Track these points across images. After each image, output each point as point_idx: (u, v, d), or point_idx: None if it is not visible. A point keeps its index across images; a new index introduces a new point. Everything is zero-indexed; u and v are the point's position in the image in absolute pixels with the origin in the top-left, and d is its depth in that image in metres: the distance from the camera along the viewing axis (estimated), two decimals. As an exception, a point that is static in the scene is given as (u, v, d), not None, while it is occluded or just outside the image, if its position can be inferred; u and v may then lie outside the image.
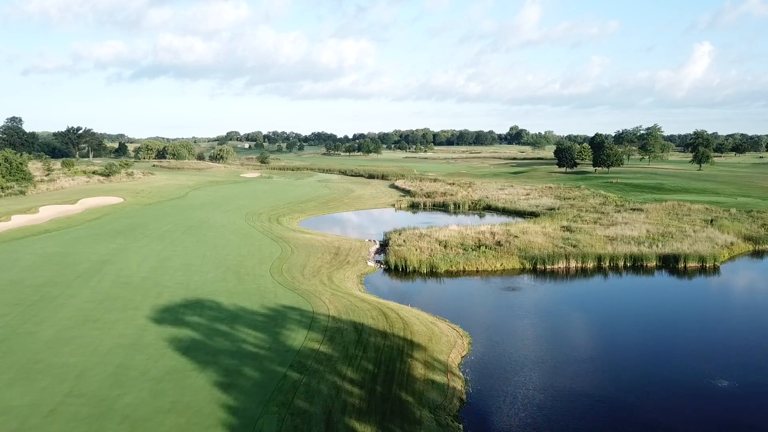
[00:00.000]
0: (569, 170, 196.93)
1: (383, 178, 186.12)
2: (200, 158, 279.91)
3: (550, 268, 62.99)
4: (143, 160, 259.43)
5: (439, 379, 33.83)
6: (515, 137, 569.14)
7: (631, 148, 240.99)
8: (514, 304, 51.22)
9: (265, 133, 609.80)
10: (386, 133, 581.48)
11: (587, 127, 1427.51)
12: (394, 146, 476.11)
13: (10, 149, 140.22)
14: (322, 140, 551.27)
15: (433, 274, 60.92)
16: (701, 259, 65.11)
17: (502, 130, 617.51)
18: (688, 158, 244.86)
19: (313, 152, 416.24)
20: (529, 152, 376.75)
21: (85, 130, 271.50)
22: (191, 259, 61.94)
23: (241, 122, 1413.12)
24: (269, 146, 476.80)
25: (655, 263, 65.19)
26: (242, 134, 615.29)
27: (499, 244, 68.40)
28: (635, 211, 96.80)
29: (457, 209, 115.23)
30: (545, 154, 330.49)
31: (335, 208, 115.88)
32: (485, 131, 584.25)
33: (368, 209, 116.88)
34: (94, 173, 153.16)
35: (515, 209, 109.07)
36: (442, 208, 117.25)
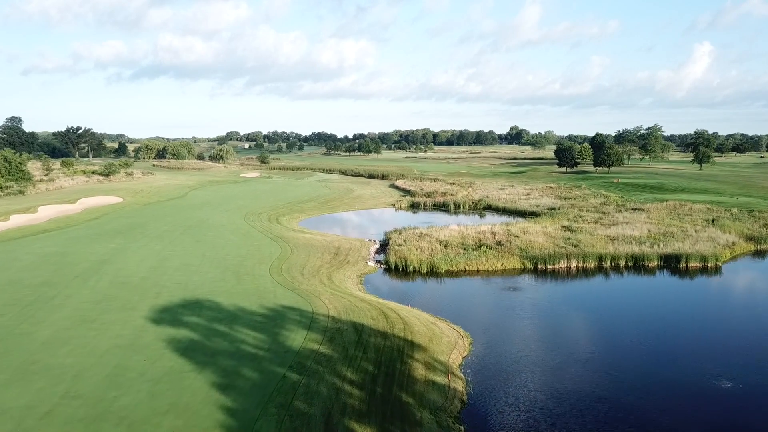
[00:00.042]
0: (570, 170, 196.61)
1: (383, 178, 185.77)
2: (200, 158, 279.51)
3: (551, 267, 62.66)
4: (143, 159, 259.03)
5: (439, 380, 33.48)
6: (515, 137, 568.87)
7: (631, 148, 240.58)
8: (515, 304, 50.87)
9: (265, 133, 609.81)
10: (386, 133, 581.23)
11: (587, 127, 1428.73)
12: (394, 146, 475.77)
13: (9, 149, 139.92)
14: (322, 140, 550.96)
15: (433, 274, 60.58)
16: (703, 259, 64.77)
17: (502, 130, 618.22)
18: (688, 158, 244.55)
19: (313, 152, 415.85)
20: (529, 152, 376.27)
21: (84, 129, 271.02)
22: (190, 259, 61.60)
23: (241, 122, 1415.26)
24: (269, 146, 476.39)
25: (656, 263, 64.87)
26: (242, 134, 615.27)
27: (499, 243, 68.07)
28: (636, 210, 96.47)
29: (457, 209, 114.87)
30: (545, 154, 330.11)
31: (335, 207, 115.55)
32: (485, 131, 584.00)
33: (368, 209, 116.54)
34: (93, 173, 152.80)
35: (516, 209, 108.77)
36: (442, 207, 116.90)
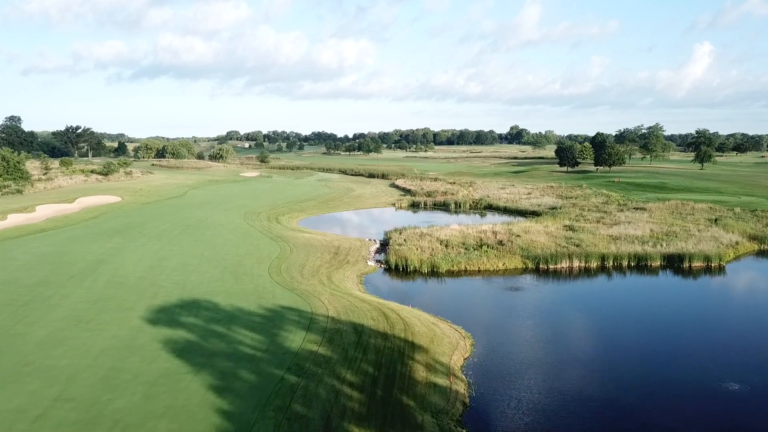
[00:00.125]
0: (570, 169, 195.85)
1: (383, 177, 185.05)
2: (200, 157, 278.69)
3: (553, 267, 62.01)
4: (142, 159, 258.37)
5: (441, 382, 32.84)
6: (516, 137, 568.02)
7: (632, 147, 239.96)
8: (516, 304, 50.22)
9: (265, 132, 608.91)
10: (386, 132, 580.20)
11: (588, 127, 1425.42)
12: (394, 146, 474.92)
13: (8, 148, 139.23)
14: (322, 140, 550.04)
15: (434, 273, 59.93)
16: (706, 258, 64.14)
17: (502, 129, 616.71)
18: (689, 158, 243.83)
19: (313, 152, 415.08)
20: (529, 152, 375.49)
21: (84, 129, 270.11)
22: (188, 258, 60.95)
23: (241, 122, 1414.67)
24: (269, 146, 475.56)
25: (659, 263, 64.24)
26: (242, 134, 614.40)
27: (501, 243, 67.41)
28: (638, 210, 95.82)
29: (458, 208, 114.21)
30: (546, 153, 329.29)
31: (335, 207, 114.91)
32: (486, 131, 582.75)
33: (368, 208, 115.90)
34: (92, 172, 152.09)
35: (517, 208, 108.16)
36: (442, 207, 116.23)
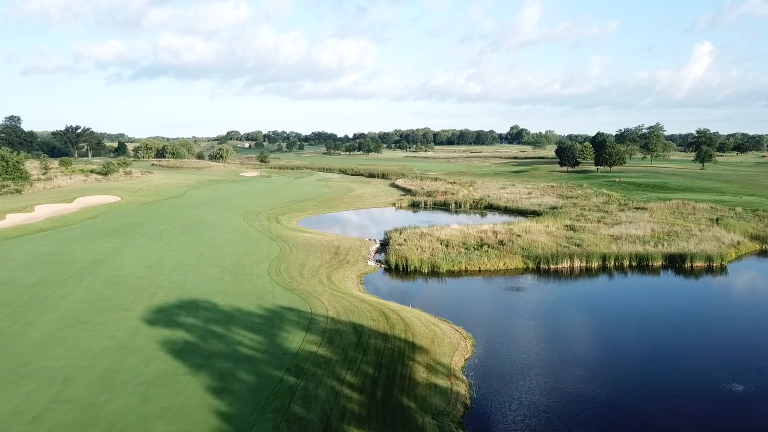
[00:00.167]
0: (571, 169, 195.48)
1: (383, 177, 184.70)
2: (200, 157, 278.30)
3: (553, 267, 61.70)
4: (142, 159, 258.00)
5: (441, 383, 32.51)
6: (516, 137, 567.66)
7: (633, 147, 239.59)
8: (517, 304, 49.89)
9: (265, 132, 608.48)
10: (386, 132, 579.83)
11: (588, 127, 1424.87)
12: (394, 146, 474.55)
13: (7, 148, 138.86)
14: (322, 140, 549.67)
15: (434, 273, 59.61)
16: (708, 258, 63.84)
17: (502, 129, 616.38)
18: (689, 157, 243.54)
19: (313, 152, 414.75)
20: (530, 151, 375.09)
21: (84, 129, 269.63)
22: (187, 258, 60.63)
23: (241, 122, 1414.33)
24: (269, 146, 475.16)
25: (661, 263, 63.92)
26: (242, 134, 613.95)
27: (501, 243, 67.10)
28: (639, 210, 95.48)
29: (458, 208, 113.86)
30: (546, 153, 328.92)
31: (335, 207, 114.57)
32: (486, 131, 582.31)
33: (368, 208, 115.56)
34: (91, 172, 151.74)
35: (517, 208, 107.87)
36: (443, 207, 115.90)
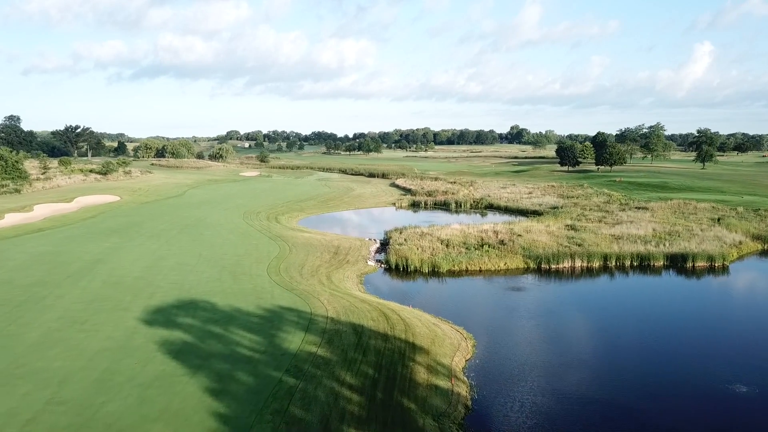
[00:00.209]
0: (571, 169, 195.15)
1: (384, 176, 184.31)
2: (200, 157, 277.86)
3: (555, 267, 61.34)
4: (142, 158, 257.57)
5: (442, 384, 32.14)
6: (516, 136, 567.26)
7: (633, 146, 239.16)
8: (518, 304, 49.52)
9: (265, 132, 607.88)
10: (387, 132, 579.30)
11: (588, 127, 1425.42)
12: (394, 145, 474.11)
13: (6, 147, 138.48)
14: (322, 139, 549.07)
15: (435, 273, 59.24)
16: (710, 258, 63.52)
17: (502, 129, 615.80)
18: (690, 157, 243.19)
19: (313, 151, 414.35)
20: (530, 151, 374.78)
21: (83, 128, 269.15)
22: (186, 258, 60.27)
23: (241, 122, 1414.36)
24: (269, 145, 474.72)
25: (662, 262, 63.60)
26: (242, 134, 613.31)
27: (502, 243, 66.75)
28: (640, 209, 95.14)
29: (458, 208, 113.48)
30: (546, 153, 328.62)
31: (335, 206, 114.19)
32: (486, 131, 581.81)
33: (368, 208, 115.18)
34: (91, 171, 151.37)
35: (518, 208, 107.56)
36: (443, 206, 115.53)
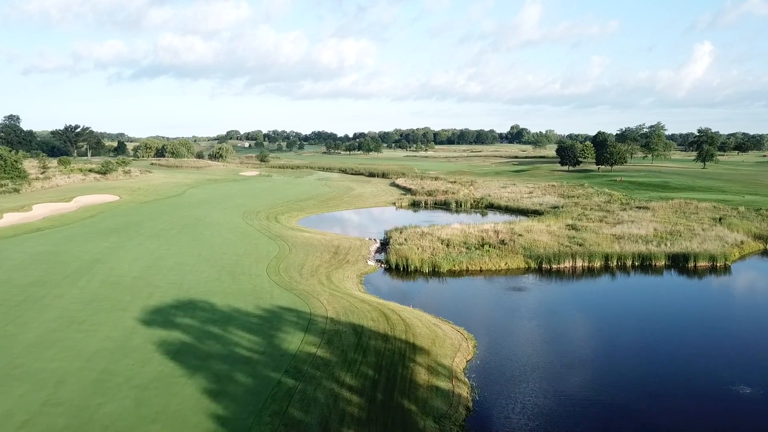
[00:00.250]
0: (572, 168, 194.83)
1: (384, 176, 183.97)
2: (199, 157, 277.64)
3: (556, 267, 61.02)
4: (142, 158, 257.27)
5: (443, 385, 31.82)
6: (516, 136, 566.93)
7: (634, 146, 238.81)
8: (520, 304, 49.21)
9: (265, 132, 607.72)
10: (387, 132, 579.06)
11: (588, 126, 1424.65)
12: (394, 145, 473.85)
13: (5, 147, 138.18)
14: (322, 139, 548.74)
15: (435, 273, 58.92)
16: (712, 258, 63.20)
17: (502, 129, 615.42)
18: (690, 157, 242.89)
19: (313, 151, 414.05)
20: (530, 151, 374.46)
21: (83, 128, 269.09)
22: (185, 258, 59.95)
23: (241, 122, 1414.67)
24: (269, 145, 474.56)
25: (664, 262, 63.29)
26: (242, 133, 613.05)
27: (503, 242, 66.44)
28: (641, 209, 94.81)
29: (459, 208, 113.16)
30: (547, 152, 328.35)
31: (335, 206, 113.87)
32: (486, 130, 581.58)
33: (368, 207, 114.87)
34: (90, 171, 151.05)
35: (518, 207, 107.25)
36: (443, 206, 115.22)
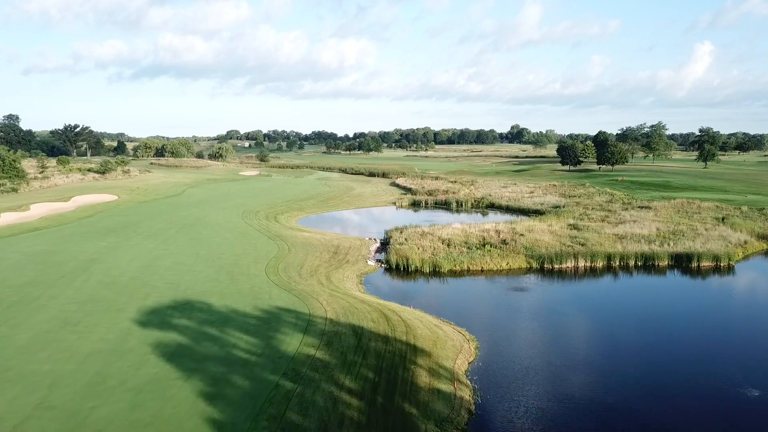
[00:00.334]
0: (573, 168, 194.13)
1: (384, 176, 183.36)
2: (199, 156, 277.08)
3: (557, 267, 60.36)
4: (141, 158, 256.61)
5: (445, 388, 31.15)
6: (516, 136, 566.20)
7: (635, 146, 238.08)
8: (522, 305, 48.53)
9: (265, 132, 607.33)
10: (387, 132, 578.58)
11: (588, 126, 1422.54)
12: (394, 145, 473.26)
13: (4, 146, 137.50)
14: (322, 139, 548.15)
15: (436, 273, 58.26)
16: (715, 258, 62.54)
17: (503, 129, 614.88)
18: (691, 156, 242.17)
19: (313, 151, 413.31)
20: (530, 151, 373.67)
21: (82, 128, 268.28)
22: (183, 258, 59.29)
23: (241, 121, 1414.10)
24: (269, 145, 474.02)
25: (667, 262, 62.65)
26: (242, 133, 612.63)
27: (504, 242, 65.78)
28: (643, 209, 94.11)
29: (459, 207, 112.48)
30: (547, 152, 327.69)
31: (335, 206, 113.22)
32: (486, 130, 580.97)
33: (368, 207, 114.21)
34: (89, 171, 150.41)
35: (519, 207, 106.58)
36: (444, 206, 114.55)
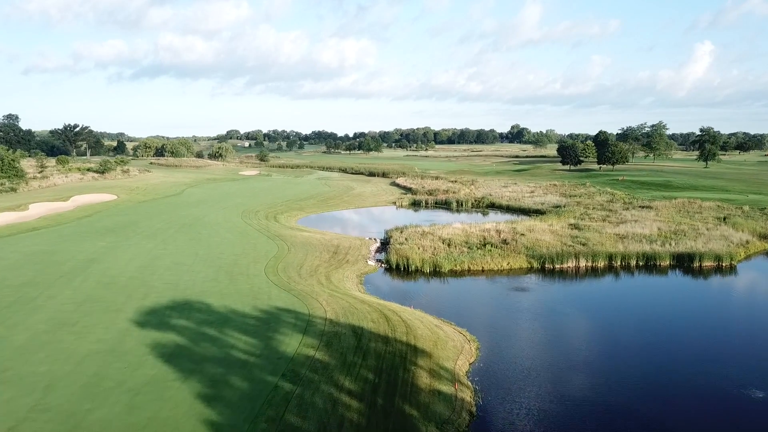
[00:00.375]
0: (573, 168, 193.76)
1: (384, 175, 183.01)
2: (199, 156, 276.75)
3: (559, 267, 60.04)
4: (141, 158, 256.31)
5: (445, 389, 30.82)
6: (517, 136, 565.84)
7: (635, 145, 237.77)
8: (523, 305, 48.20)
9: (265, 131, 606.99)
10: (387, 131, 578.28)
11: (588, 126, 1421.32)
12: (395, 145, 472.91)
13: (3, 146, 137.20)
14: (322, 139, 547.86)
15: (436, 273, 57.93)
16: (717, 258, 62.21)
17: (503, 129, 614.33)
18: (692, 156, 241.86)
19: (313, 151, 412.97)
20: (531, 150, 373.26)
21: (82, 127, 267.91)
22: (182, 257, 58.97)
23: (241, 121, 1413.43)
24: (269, 145, 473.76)
25: (668, 262, 62.31)
26: (242, 133, 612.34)
27: (505, 242, 65.46)
28: (644, 208, 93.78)
29: (459, 207, 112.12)
30: (547, 152, 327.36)
31: (335, 205, 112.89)
32: (486, 130, 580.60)
33: (369, 207, 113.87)
34: (88, 170, 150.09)
35: (520, 207, 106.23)
36: (444, 205, 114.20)
